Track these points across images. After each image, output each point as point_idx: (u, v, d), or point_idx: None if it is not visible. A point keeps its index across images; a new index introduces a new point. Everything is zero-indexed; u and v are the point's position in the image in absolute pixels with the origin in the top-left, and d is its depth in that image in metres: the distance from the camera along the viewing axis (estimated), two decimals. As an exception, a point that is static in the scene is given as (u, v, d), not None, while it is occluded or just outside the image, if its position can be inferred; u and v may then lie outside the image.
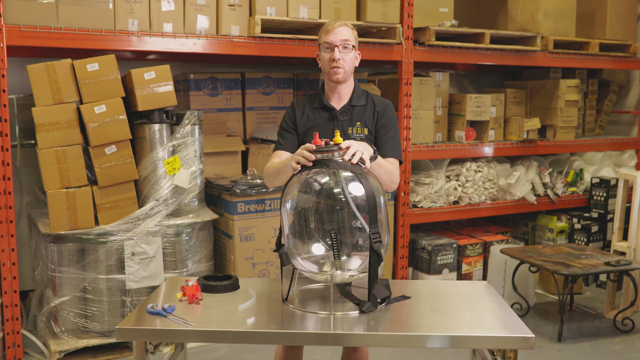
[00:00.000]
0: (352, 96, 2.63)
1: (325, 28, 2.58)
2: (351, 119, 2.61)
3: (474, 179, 5.04)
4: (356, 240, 2.19)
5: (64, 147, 3.61)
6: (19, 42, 3.49)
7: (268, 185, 2.60)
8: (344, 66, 2.55)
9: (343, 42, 2.53)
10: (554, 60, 5.20)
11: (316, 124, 2.62)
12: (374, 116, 2.62)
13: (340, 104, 2.63)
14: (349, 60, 2.56)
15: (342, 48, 2.53)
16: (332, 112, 2.61)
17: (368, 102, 2.65)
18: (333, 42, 2.53)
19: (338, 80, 2.57)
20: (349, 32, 2.56)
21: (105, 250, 3.69)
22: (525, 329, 2.06)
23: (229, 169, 4.60)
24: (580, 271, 4.02)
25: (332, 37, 2.53)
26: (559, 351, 3.96)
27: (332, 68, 2.54)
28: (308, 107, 2.65)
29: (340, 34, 2.53)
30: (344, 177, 2.16)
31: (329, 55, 2.55)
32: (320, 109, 2.63)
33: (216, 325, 2.09)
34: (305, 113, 2.64)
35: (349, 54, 2.56)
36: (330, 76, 2.57)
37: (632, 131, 6.13)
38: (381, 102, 2.66)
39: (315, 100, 2.66)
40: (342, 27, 2.55)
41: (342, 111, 2.61)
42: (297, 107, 2.67)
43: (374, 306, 2.17)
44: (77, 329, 3.73)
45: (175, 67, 4.65)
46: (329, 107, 2.61)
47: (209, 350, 3.89)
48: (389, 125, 2.63)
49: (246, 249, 4.16)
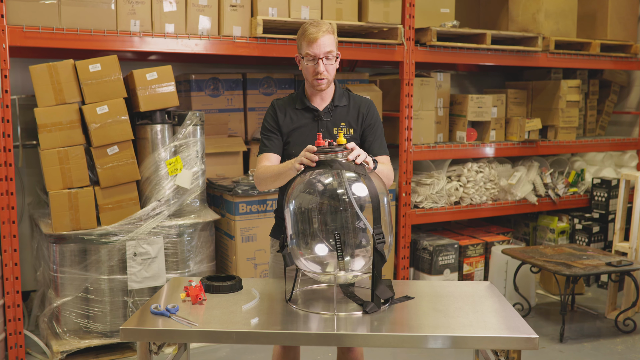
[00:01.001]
0: (334, 96, 2.61)
1: (307, 37, 2.47)
2: (335, 119, 2.60)
3: (475, 180, 5.04)
4: (359, 241, 2.19)
5: (66, 148, 3.61)
6: (21, 43, 3.49)
7: (261, 189, 2.58)
8: (327, 77, 2.51)
9: (327, 54, 2.47)
10: (555, 61, 5.20)
11: (300, 125, 2.59)
12: (358, 117, 2.61)
13: (323, 105, 2.60)
14: (333, 69, 2.52)
15: (325, 60, 2.49)
16: (316, 113, 2.59)
17: (350, 102, 2.63)
18: (317, 54, 2.46)
19: (322, 89, 2.55)
20: (331, 41, 2.48)
21: (107, 250, 3.69)
22: (528, 329, 2.06)
23: (231, 169, 4.60)
24: (581, 272, 4.03)
25: (316, 49, 2.45)
26: (560, 352, 3.96)
27: (316, 80, 2.51)
28: (290, 108, 2.62)
29: (323, 45, 2.45)
30: (348, 178, 2.16)
31: (313, 67, 2.49)
32: (302, 110, 2.60)
33: (220, 325, 2.09)
34: (287, 114, 2.61)
35: (333, 64, 2.51)
36: (314, 86, 2.54)
37: (633, 132, 6.13)
38: (364, 102, 2.64)
39: (297, 101, 2.62)
40: (324, 37, 2.46)
41: (326, 112, 2.59)
42: (278, 108, 2.63)
43: (377, 307, 2.18)
44: (79, 329, 3.73)
45: (177, 68, 4.65)
46: (312, 108, 2.59)
47: (211, 350, 3.89)
48: (375, 125, 2.63)
49: (248, 250, 4.16)
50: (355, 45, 4.33)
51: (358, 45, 4.34)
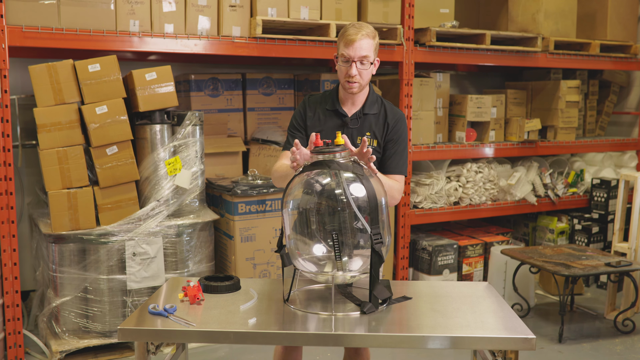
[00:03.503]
0: (366, 103, 2.55)
1: (345, 37, 2.43)
2: (362, 127, 2.55)
3: (475, 180, 5.04)
4: (357, 241, 2.19)
5: (66, 148, 3.61)
6: (20, 43, 3.49)
7: (277, 186, 2.56)
8: (359, 81, 2.46)
9: (362, 58, 2.41)
10: (555, 61, 5.20)
11: (325, 127, 2.55)
12: (384, 128, 2.55)
13: (353, 110, 2.56)
14: (366, 74, 2.46)
15: (359, 64, 2.43)
16: (344, 119, 2.55)
17: (381, 111, 2.57)
18: (352, 57, 2.41)
19: (353, 93, 2.50)
20: (370, 46, 2.42)
21: (106, 250, 3.69)
22: (526, 329, 2.06)
23: (230, 169, 4.61)
24: (580, 272, 4.03)
25: (352, 51, 2.40)
26: (559, 352, 3.96)
27: (348, 82, 2.46)
28: (320, 108, 2.58)
29: (360, 49, 2.40)
30: (346, 178, 2.16)
31: (346, 69, 2.44)
32: (331, 112, 2.57)
33: (218, 325, 2.09)
34: (316, 114, 2.58)
35: (367, 69, 2.45)
36: (345, 88, 2.50)
37: (632, 132, 6.13)
38: (393, 114, 2.56)
39: (328, 102, 2.58)
40: (363, 40, 2.40)
41: (353, 118, 2.54)
42: (309, 106, 2.59)
43: (375, 307, 2.18)
44: (78, 329, 3.74)
45: (176, 68, 4.65)
46: (341, 112, 2.55)
47: (209, 350, 3.90)
48: (398, 140, 2.54)
49: (247, 250, 4.16)
50: (354, 46, 4.32)
51: (357, 46, 4.34)
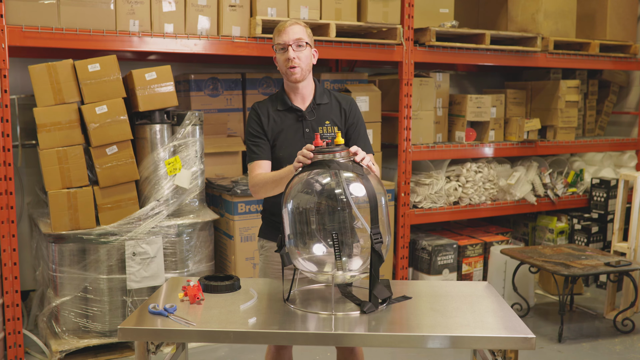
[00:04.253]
0: (316, 95, 2.61)
1: (277, 29, 2.55)
2: (319, 118, 2.59)
3: (474, 180, 5.05)
4: (357, 241, 2.19)
5: (65, 148, 3.61)
6: (20, 43, 3.49)
7: (259, 197, 2.57)
8: (299, 65, 2.52)
9: (296, 40, 2.50)
10: (554, 61, 5.21)
11: (284, 126, 2.58)
12: (341, 114, 2.62)
13: (305, 104, 2.60)
14: (305, 58, 2.53)
15: (295, 47, 2.50)
16: (299, 113, 2.58)
17: (332, 100, 2.64)
18: (286, 42, 2.50)
19: (296, 79, 2.54)
20: (301, 30, 2.52)
21: (106, 250, 3.69)
22: (525, 329, 2.06)
23: (230, 169, 4.61)
24: (580, 272, 4.03)
25: (285, 37, 2.50)
26: (559, 352, 3.96)
27: (289, 68, 2.52)
28: (272, 110, 2.61)
29: (292, 32, 2.50)
30: (345, 178, 2.16)
31: (284, 55, 2.52)
32: (285, 111, 2.60)
33: (218, 325, 2.09)
34: (270, 117, 2.59)
35: (304, 51, 2.52)
36: (288, 77, 2.55)
37: (632, 132, 6.13)
38: (346, 100, 2.65)
39: (278, 102, 2.61)
40: (293, 26, 2.52)
41: (309, 111, 2.59)
42: (261, 111, 2.61)
43: (375, 306, 2.18)
44: (78, 328, 3.74)
45: (176, 68, 4.65)
46: (295, 108, 2.58)
47: (209, 350, 3.90)
48: (358, 123, 2.64)
49: (247, 249, 4.16)
50: (354, 45, 4.33)
51: (357, 46, 4.35)
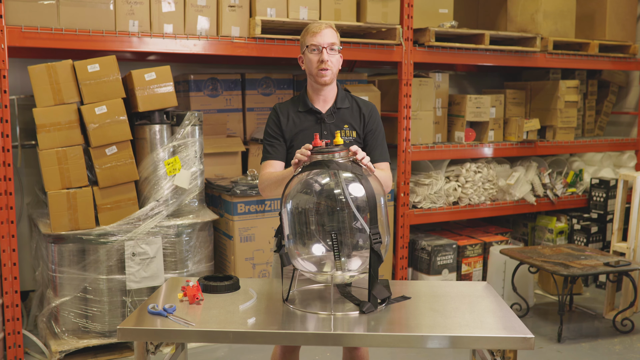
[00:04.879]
0: (337, 98, 2.63)
1: (310, 30, 2.57)
2: (338, 121, 2.61)
3: (474, 180, 5.05)
4: (356, 241, 2.19)
5: (65, 148, 3.61)
6: (20, 43, 3.50)
7: (265, 196, 2.59)
8: (331, 68, 2.55)
9: (330, 44, 2.54)
10: (554, 61, 5.21)
11: (303, 128, 2.60)
12: (360, 119, 2.63)
13: (326, 107, 2.62)
14: (336, 62, 2.58)
15: (329, 50, 2.54)
16: (319, 115, 2.60)
17: (353, 104, 2.65)
18: (320, 44, 2.53)
19: (325, 82, 2.56)
20: (334, 35, 2.56)
21: (105, 250, 3.70)
22: (524, 329, 2.07)
23: (229, 169, 4.61)
24: (579, 272, 4.03)
25: (320, 39, 2.53)
26: (558, 352, 3.96)
27: (320, 70, 2.54)
28: (292, 112, 2.63)
29: (327, 36, 2.53)
30: (345, 178, 2.16)
31: (317, 57, 2.54)
32: (305, 113, 2.62)
33: (217, 325, 2.10)
34: (290, 118, 2.62)
35: (335, 56, 2.57)
36: (317, 78, 2.56)
37: (631, 132, 6.14)
38: (366, 105, 2.66)
39: (299, 104, 2.63)
40: (328, 29, 2.55)
41: (329, 114, 2.61)
42: (281, 112, 2.64)
43: (374, 307, 2.18)
44: (78, 329, 3.74)
45: (175, 68, 4.66)
46: (315, 110, 2.60)
47: (209, 350, 3.90)
48: (377, 130, 2.65)
49: (246, 250, 4.16)
50: (353, 46, 4.33)
51: (356, 46, 4.35)
